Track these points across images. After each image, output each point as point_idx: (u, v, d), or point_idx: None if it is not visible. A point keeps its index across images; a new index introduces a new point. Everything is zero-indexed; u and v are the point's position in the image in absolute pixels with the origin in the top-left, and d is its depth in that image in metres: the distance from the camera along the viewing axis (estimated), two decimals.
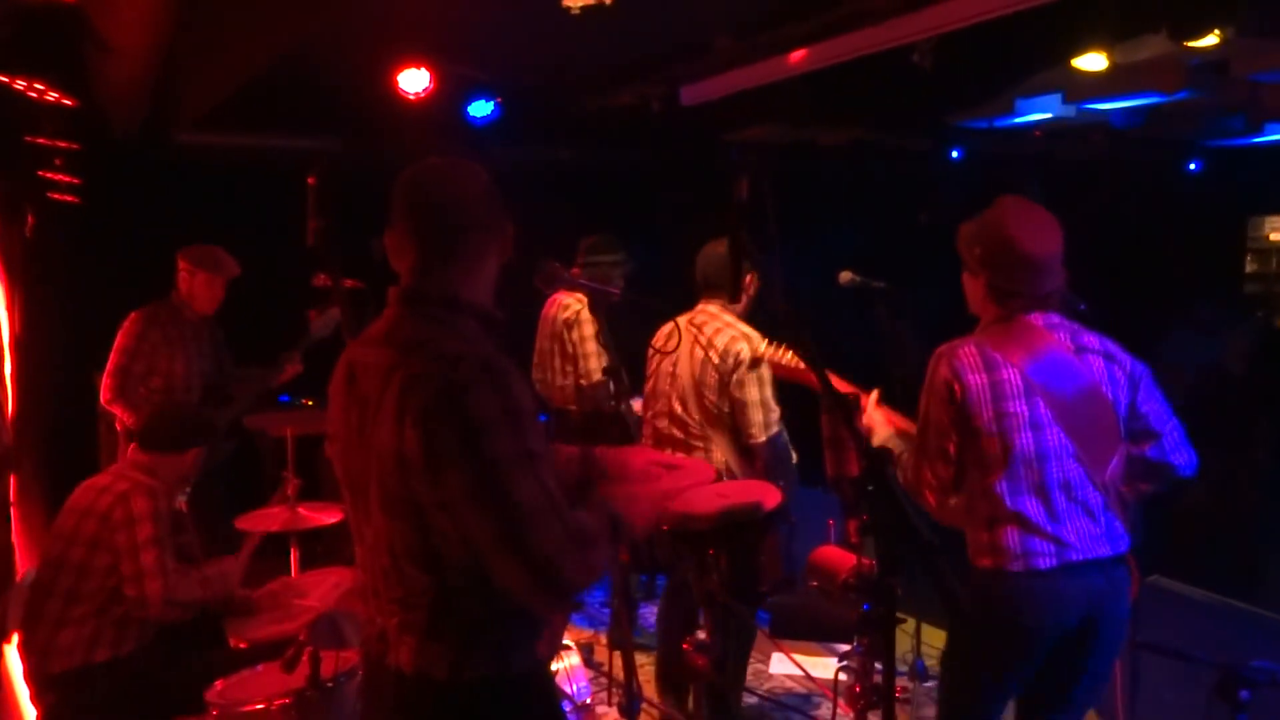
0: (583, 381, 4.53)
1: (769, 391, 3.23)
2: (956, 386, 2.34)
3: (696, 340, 3.29)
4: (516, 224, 1.81)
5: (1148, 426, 2.36)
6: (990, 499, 2.34)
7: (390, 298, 1.77)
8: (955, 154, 7.63)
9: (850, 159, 7.06)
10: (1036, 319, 2.37)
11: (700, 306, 3.39)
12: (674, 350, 3.35)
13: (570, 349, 4.57)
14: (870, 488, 1.74)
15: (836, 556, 2.55)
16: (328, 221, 3.06)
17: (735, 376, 3.21)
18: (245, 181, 5.47)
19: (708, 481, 2.57)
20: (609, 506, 1.74)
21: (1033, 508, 2.31)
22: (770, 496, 2.70)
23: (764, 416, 3.21)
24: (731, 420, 3.24)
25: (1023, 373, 2.32)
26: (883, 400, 2.67)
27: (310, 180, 3.08)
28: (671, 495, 2.05)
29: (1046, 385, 2.32)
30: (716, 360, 3.24)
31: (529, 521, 1.55)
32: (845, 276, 3.32)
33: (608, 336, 2.71)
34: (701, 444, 3.30)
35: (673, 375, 3.36)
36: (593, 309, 2.66)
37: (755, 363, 3.20)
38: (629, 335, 3.25)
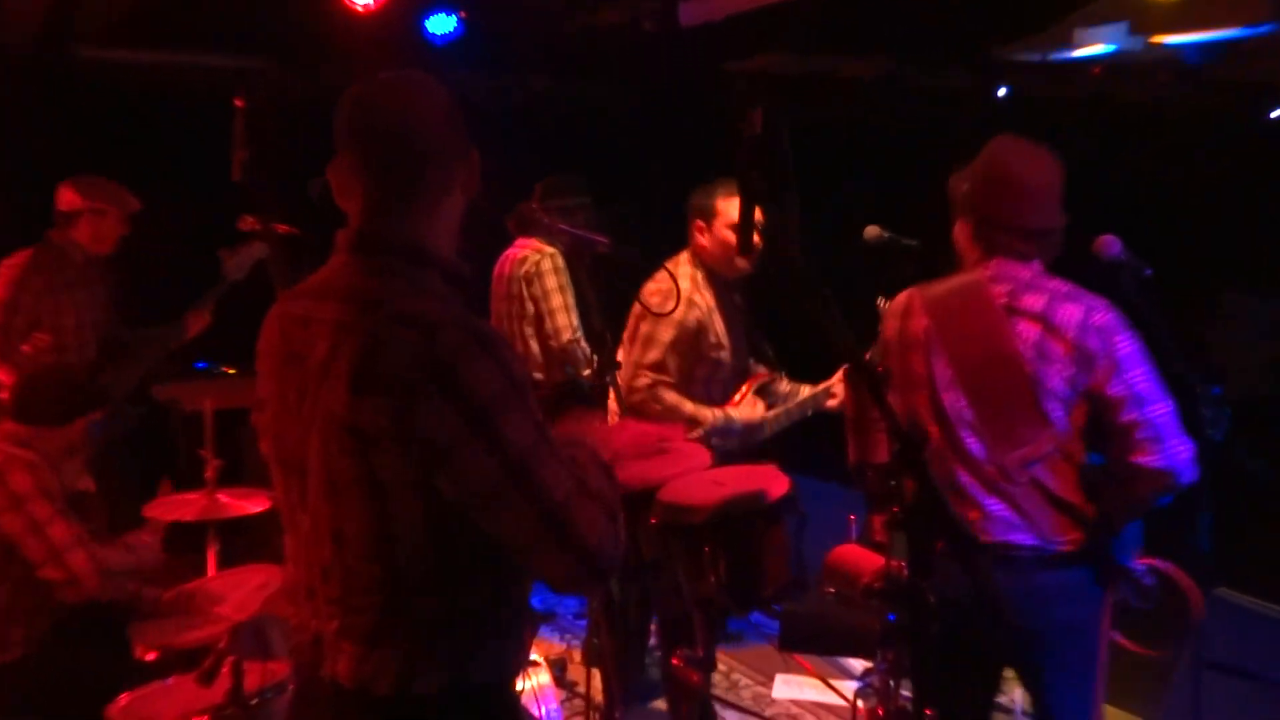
0: (551, 343, 4.53)
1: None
2: (881, 330, 2.53)
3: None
4: (481, 162, 1.80)
5: (1116, 417, 2.34)
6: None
7: (337, 244, 1.76)
8: (1002, 92, 7.60)
9: (877, 96, 7.02)
10: (988, 267, 2.45)
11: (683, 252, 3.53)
12: (671, 313, 3.43)
13: (532, 307, 4.56)
14: (901, 475, 1.72)
15: (859, 557, 2.56)
16: (257, 153, 3.03)
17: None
18: (161, 106, 5.41)
19: (702, 467, 2.59)
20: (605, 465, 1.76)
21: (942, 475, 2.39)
22: (776, 484, 2.70)
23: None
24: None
25: (932, 325, 2.46)
26: None
27: (237, 104, 3.05)
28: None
29: (953, 343, 2.43)
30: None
31: (569, 510, 1.60)
32: (872, 231, 3.34)
33: (593, 296, 2.68)
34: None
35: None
36: (570, 263, 2.63)
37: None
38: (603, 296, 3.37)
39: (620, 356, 3.74)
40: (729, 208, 3.61)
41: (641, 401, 3.58)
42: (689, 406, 3.62)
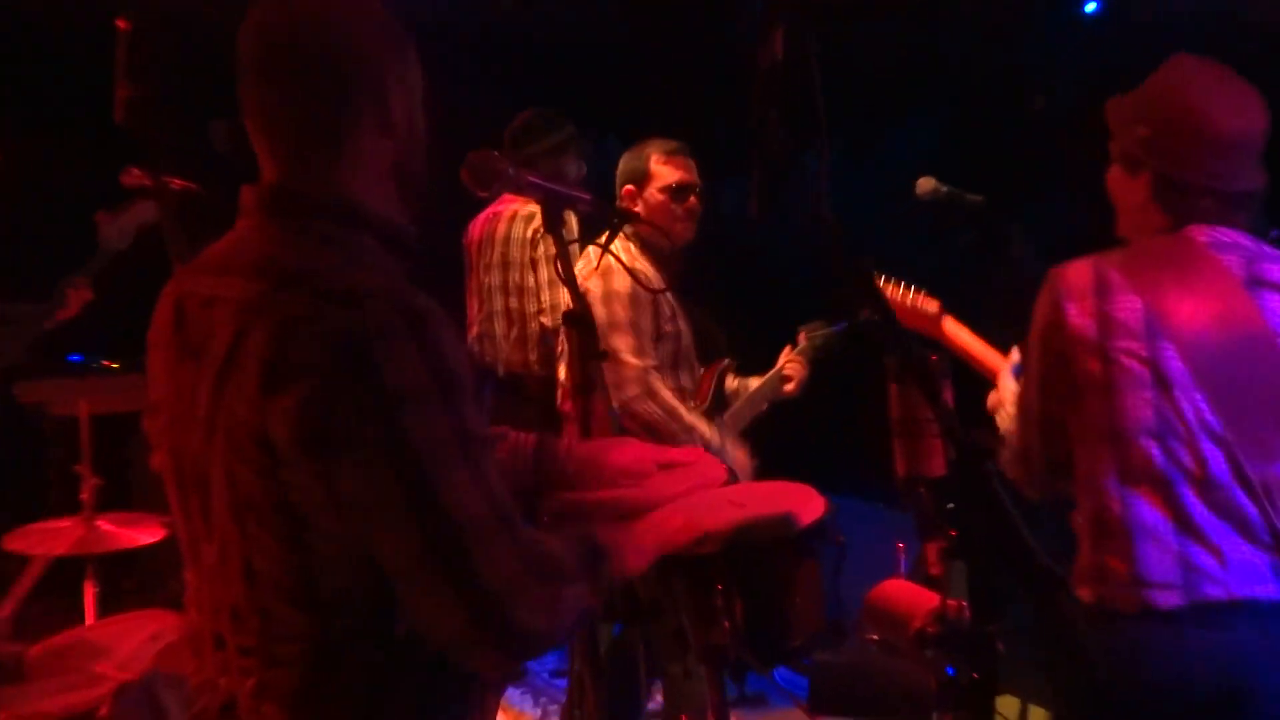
0: (545, 320, 4.59)
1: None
2: (1056, 319, 2.40)
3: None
4: (432, 101, 1.83)
5: None
6: (1094, 493, 2.37)
7: (245, 203, 1.77)
8: (1090, 7, 7.59)
9: (926, 16, 6.98)
10: (1201, 233, 2.39)
11: None
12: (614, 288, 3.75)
13: (531, 279, 4.64)
14: (961, 494, 1.75)
15: (908, 595, 2.56)
16: (146, 90, 3.01)
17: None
18: (20, 28, 5.38)
19: (716, 483, 2.61)
20: (586, 529, 1.78)
21: (1151, 512, 2.32)
22: (809, 506, 2.70)
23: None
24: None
25: (1150, 304, 2.35)
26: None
27: (120, 26, 3.04)
28: (687, 524, 2.14)
29: (1184, 327, 2.33)
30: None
31: (467, 536, 1.58)
32: (926, 185, 3.35)
33: (570, 267, 2.69)
34: None
35: None
36: (548, 225, 2.63)
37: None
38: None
39: (561, 372, 3.95)
40: (663, 170, 3.90)
41: (633, 399, 3.68)
42: (685, 414, 3.75)
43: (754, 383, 4.11)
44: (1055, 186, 3.20)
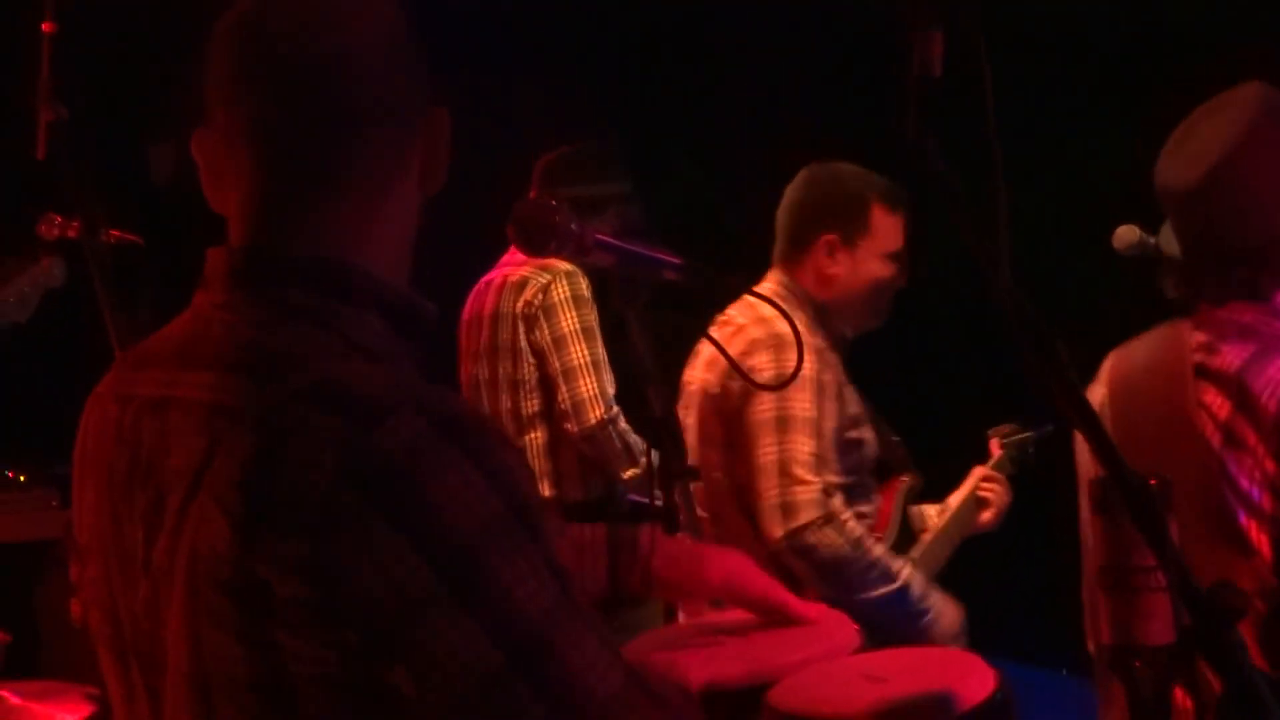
0: (568, 427, 4.59)
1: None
2: None
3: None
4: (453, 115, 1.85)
5: None
6: None
7: (211, 268, 1.77)
8: None
9: None
10: (1205, 311, 2.64)
11: (764, 281, 3.75)
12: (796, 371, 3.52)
13: (534, 368, 4.68)
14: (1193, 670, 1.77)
15: None
16: (73, 112, 3.05)
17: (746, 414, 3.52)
18: None
19: (846, 650, 2.61)
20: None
21: None
22: (974, 680, 2.63)
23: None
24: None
25: (1108, 395, 2.67)
26: None
27: (45, 29, 3.10)
28: (805, 706, 2.21)
29: (1129, 423, 2.59)
30: (716, 389, 3.64)
31: (615, 716, 1.62)
32: (1128, 236, 3.35)
33: (647, 351, 2.74)
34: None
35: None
36: (624, 297, 2.65)
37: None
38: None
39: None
40: (887, 226, 3.79)
41: (806, 527, 3.60)
42: (877, 550, 3.68)
43: (930, 511, 4.05)
44: None
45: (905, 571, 3.71)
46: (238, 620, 1.60)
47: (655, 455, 2.65)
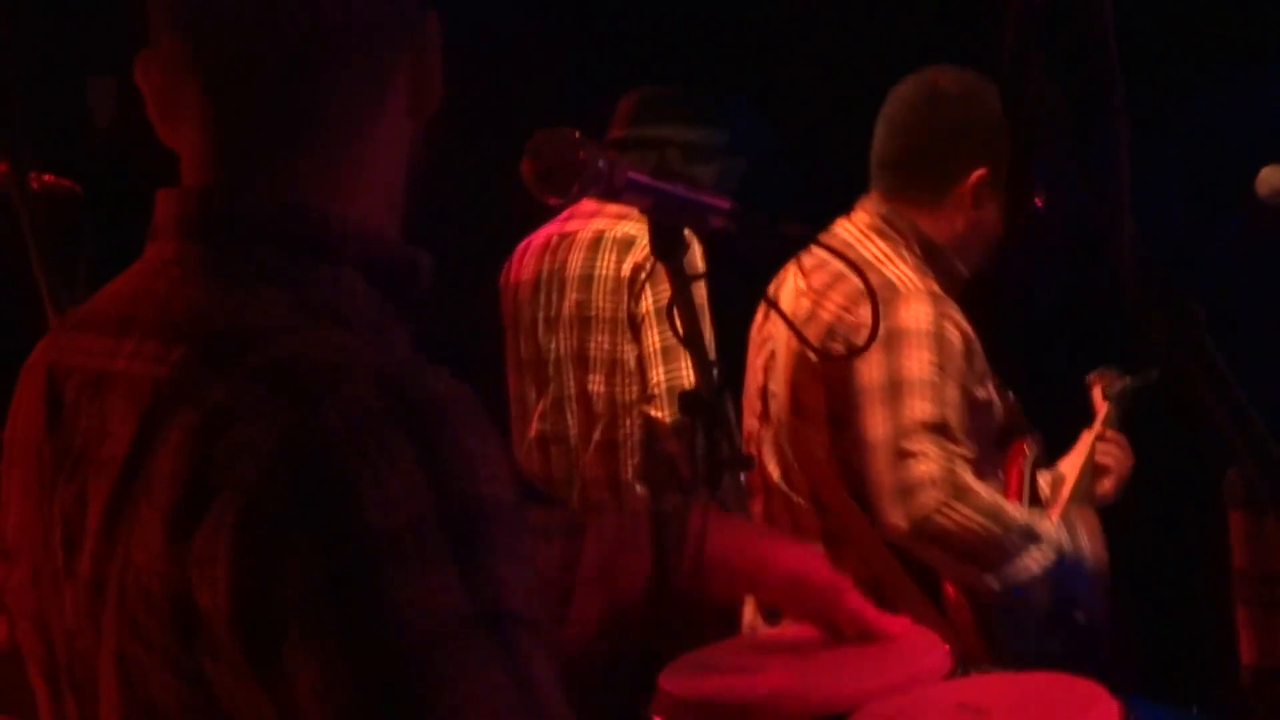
0: (654, 412, 4.40)
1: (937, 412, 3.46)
2: None
3: (799, 292, 3.66)
4: (454, 54, 1.80)
5: None
6: None
7: (160, 220, 1.70)
8: None
9: None
10: None
11: (855, 212, 3.71)
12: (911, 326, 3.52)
13: (631, 348, 4.46)
14: None
15: None
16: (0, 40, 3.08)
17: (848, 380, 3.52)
18: None
19: (936, 675, 2.50)
20: None
21: None
22: (1093, 711, 2.48)
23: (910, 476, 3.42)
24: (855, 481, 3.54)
25: None
26: None
27: None
28: None
29: None
30: (816, 340, 3.59)
31: None
32: (1273, 179, 3.43)
33: (701, 316, 2.70)
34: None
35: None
36: (659, 250, 2.53)
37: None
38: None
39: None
40: None
41: (935, 510, 3.42)
42: (1013, 511, 3.54)
43: (1041, 482, 3.83)
44: None
45: (1052, 530, 3.58)
46: (163, 642, 1.55)
47: (700, 441, 2.46)
